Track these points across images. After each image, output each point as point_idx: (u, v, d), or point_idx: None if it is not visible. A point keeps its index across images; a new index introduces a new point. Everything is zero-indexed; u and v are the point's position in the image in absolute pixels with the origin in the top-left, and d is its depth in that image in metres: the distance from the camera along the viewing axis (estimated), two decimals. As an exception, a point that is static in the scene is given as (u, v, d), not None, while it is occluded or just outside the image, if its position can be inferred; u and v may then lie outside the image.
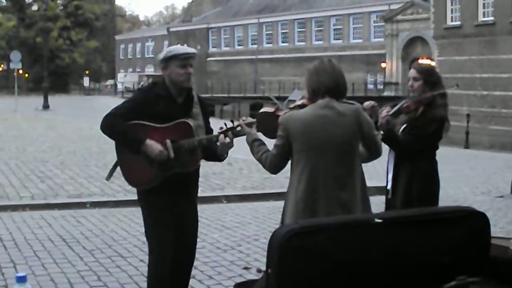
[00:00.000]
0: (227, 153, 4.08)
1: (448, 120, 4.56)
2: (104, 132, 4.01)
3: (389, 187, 4.61)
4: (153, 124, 3.91)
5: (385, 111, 4.47)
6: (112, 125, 3.95)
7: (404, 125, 4.52)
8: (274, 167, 3.63)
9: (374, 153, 3.69)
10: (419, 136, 4.43)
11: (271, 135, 3.72)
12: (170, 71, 3.96)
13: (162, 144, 3.88)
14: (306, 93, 3.69)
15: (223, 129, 3.92)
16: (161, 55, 4.03)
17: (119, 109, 4.00)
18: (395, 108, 4.51)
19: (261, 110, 3.97)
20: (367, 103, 4.34)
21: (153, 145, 3.86)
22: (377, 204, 4.80)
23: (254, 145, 3.74)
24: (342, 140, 3.49)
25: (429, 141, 4.51)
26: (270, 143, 3.67)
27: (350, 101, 3.62)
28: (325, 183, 3.46)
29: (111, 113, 3.99)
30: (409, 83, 4.60)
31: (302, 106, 3.65)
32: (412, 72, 4.59)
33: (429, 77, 4.53)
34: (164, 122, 3.91)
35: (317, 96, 3.55)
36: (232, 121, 3.98)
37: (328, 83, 3.52)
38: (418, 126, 4.44)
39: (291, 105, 3.81)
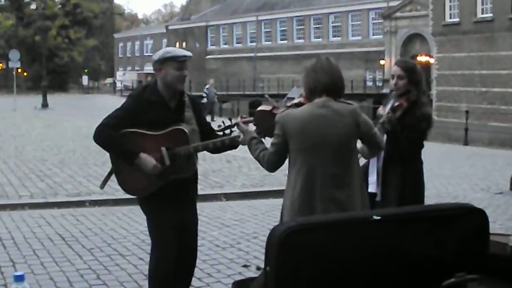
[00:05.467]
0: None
1: (432, 118, 4.55)
2: (97, 144, 3.95)
3: (374, 190, 4.42)
4: (147, 132, 3.85)
5: (381, 110, 4.43)
6: (105, 137, 3.89)
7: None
8: (271, 166, 3.62)
9: (374, 149, 3.73)
10: (413, 137, 4.36)
11: (268, 133, 3.70)
12: (165, 72, 3.87)
13: (157, 152, 3.83)
14: (303, 91, 3.67)
15: (221, 127, 3.90)
16: (156, 56, 3.93)
17: (111, 119, 3.92)
18: (389, 107, 4.41)
19: (258, 108, 3.95)
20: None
21: (147, 159, 3.81)
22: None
23: (252, 143, 3.72)
24: (339, 139, 3.47)
25: (421, 140, 4.47)
26: (268, 142, 3.65)
27: (348, 101, 3.61)
28: (321, 182, 3.45)
29: (103, 124, 3.92)
30: (392, 81, 4.47)
31: (299, 105, 3.63)
32: (397, 70, 4.45)
33: (413, 75, 4.43)
34: (158, 128, 3.86)
35: (315, 94, 3.54)
36: (230, 119, 3.95)
37: (325, 82, 3.50)
38: (409, 127, 4.34)
39: (288, 104, 3.79)
